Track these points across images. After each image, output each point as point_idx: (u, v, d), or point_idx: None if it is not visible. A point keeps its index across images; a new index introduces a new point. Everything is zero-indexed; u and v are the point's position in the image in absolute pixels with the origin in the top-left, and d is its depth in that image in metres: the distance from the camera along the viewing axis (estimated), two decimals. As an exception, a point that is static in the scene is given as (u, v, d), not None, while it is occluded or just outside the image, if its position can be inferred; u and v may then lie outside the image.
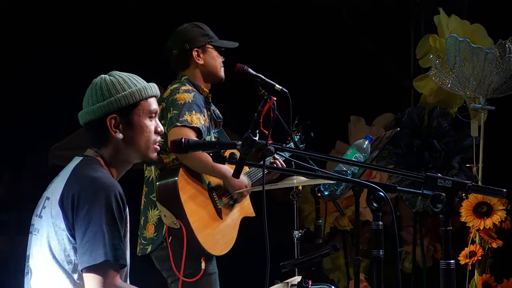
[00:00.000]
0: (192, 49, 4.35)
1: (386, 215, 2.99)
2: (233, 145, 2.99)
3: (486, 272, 5.35)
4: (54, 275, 2.88)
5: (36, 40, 7.55)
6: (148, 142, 3.06)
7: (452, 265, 2.72)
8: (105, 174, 2.95)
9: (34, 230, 2.98)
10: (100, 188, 2.86)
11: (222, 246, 4.21)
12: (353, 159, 3.97)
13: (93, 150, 3.04)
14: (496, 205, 5.22)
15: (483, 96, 5.37)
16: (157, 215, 4.14)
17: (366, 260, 6.26)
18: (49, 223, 2.90)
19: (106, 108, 2.98)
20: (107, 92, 3.00)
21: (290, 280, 3.82)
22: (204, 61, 4.37)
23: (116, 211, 2.85)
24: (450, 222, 2.73)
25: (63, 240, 2.87)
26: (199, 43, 4.37)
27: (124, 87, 3.01)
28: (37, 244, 2.94)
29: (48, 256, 2.89)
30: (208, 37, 4.39)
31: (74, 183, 2.91)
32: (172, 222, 4.04)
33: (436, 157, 5.98)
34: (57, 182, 2.98)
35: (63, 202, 2.88)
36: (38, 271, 2.93)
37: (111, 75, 3.05)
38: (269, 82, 4.31)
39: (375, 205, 2.81)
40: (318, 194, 4.22)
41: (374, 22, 7.29)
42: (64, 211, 2.87)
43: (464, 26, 5.91)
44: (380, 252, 2.84)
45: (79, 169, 2.97)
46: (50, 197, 2.95)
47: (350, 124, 6.75)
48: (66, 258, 2.87)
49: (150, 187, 4.22)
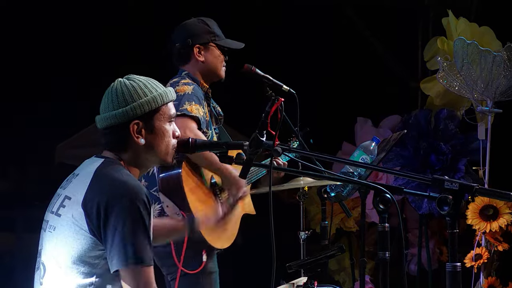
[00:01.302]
0: (194, 45, 4.33)
1: (392, 217, 2.98)
2: (240, 145, 3.00)
3: (492, 275, 5.35)
4: (69, 274, 2.88)
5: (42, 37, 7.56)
6: (168, 147, 3.06)
7: (458, 268, 2.72)
8: (131, 177, 2.95)
9: (49, 227, 2.98)
10: (127, 191, 2.86)
11: (223, 240, 4.19)
12: (359, 161, 3.97)
13: (111, 152, 3.03)
14: (503, 208, 5.21)
15: (490, 99, 5.37)
16: (157, 209, 4.12)
17: (371, 262, 6.26)
18: (69, 223, 2.90)
19: (129, 113, 2.97)
20: (130, 97, 2.98)
21: (296, 281, 3.83)
22: (205, 59, 4.34)
23: (144, 213, 2.86)
24: (456, 225, 2.73)
25: (84, 241, 2.87)
26: (202, 40, 4.34)
27: (146, 92, 3.00)
28: (53, 241, 2.94)
29: (65, 256, 2.89)
30: (212, 35, 4.36)
31: (100, 186, 2.90)
32: (175, 213, 4.02)
33: (442, 159, 5.97)
34: (78, 183, 2.97)
35: (86, 204, 2.87)
36: (52, 268, 2.93)
37: (129, 79, 3.03)
38: (276, 83, 4.31)
39: (382, 207, 2.81)
40: (325, 195, 4.22)
41: (382, 24, 7.29)
42: (87, 213, 2.86)
43: (472, 28, 5.90)
44: (386, 253, 2.84)
45: (103, 171, 2.95)
46: (70, 197, 2.94)
47: (356, 125, 6.74)
48: (85, 259, 2.87)
49: (150, 181, 4.19)
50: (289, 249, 4.63)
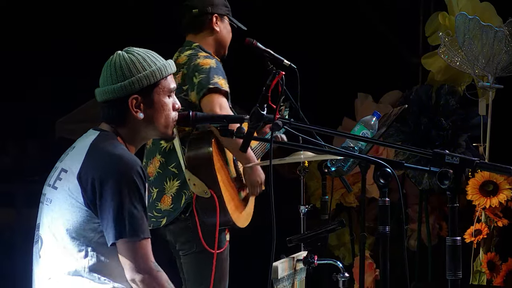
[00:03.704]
0: (213, 14, 4.29)
1: (392, 192, 2.98)
2: (241, 119, 3.00)
3: (491, 251, 5.36)
4: (66, 246, 2.90)
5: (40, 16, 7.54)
6: (167, 120, 3.06)
7: (458, 242, 2.72)
8: (125, 151, 2.95)
9: (46, 200, 2.99)
10: (122, 165, 2.87)
11: (243, 219, 4.21)
12: (360, 135, 3.97)
13: (109, 125, 3.03)
14: (503, 184, 5.22)
15: (491, 74, 5.35)
16: (177, 185, 4.10)
17: (371, 237, 6.27)
18: (65, 195, 2.91)
19: (128, 88, 2.97)
20: (128, 71, 2.97)
21: (296, 255, 3.84)
22: (220, 30, 4.32)
23: (140, 185, 2.87)
24: (457, 199, 2.73)
25: (80, 213, 2.88)
26: (221, 10, 4.31)
27: (145, 66, 2.99)
28: (49, 214, 2.95)
29: (61, 228, 2.90)
30: (228, 9, 4.35)
31: (94, 159, 2.91)
32: (203, 191, 3.99)
33: (443, 135, 5.97)
34: (74, 155, 2.98)
35: (81, 177, 2.88)
36: (49, 241, 2.94)
37: (129, 52, 3.02)
38: (277, 57, 4.29)
39: (382, 182, 2.81)
40: (325, 170, 4.22)
41: (383, 0, 7.26)
42: (82, 186, 2.87)
43: (473, 4, 5.87)
44: (386, 228, 2.84)
45: (98, 144, 2.96)
46: (67, 170, 2.94)
47: (357, 101, 6.73)
48: (81, 232, 2.88)
49: (168, 157, 4.13)
50: (289, 223, 4.63)
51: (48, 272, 2.94)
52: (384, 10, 7.25)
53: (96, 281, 2.90)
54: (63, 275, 2.90)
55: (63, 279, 2.90)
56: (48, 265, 2.94)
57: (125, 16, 7.48)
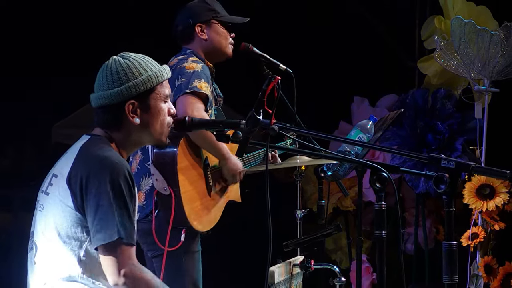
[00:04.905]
0: (195, 24, 4.32)
1: (388, 196, 2.99)
2: (237, 124, 3.00)
3: (488, 254, 5.36)
4: (59, 251, 2.89)
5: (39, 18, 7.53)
6: (162, 126, 3.07)
7: (454, 246, 2.72)
8: (113, 153, 2.95)
9: (40, 207, 2.99)
10: (108, 167, 2.87)
11: (205, 222, 4.17)
12: (356, 140, 3.97)
13: (102, 130, 3.03)
14: (499, 187, 5.22)
15: (487, 78, 5.36)
16: (150, 183, 4.11)
17: (368, 241, 6.26)
18: (56, 200, 2.91)
19: (125, 93, 2.97)
20: (124, 76, 2.97)
21: (292, 260, 3.84)
22: (208, 36, 4.33)
23: (125, 189, 2.86)
24: (453, 203, 2.73)
25: (70, 217, 2.88)
26: (202, 18, 4.33)
27: (141, 71, 2.99)
28: (42, 220, 2.95)
29: (54, 233, 2.90)
30: (213, 12, 4.35)
31: (83, 162, 2.91)
32: (163, 188, 4.00)
33: (439, 138, 5.97)
34: (64, 160, 2.98)
35: (70, 180, 2.88)
36: (43, 247, 2.94)
37: (124, 58, 3.02)
38: (273, 62, 4.30)
39: (378, 186, 2.82)
40: (321, 174, 4.22)
41: (379, 2, 7.26)
42: (72, 190, 2.87)
43: (469, 8, 5.88)
44: (382, 232, 2.84)
45: (88, 147, 2.96)
46: (57, 175, 2.95)
47: (353, 104, 6.73)
48: (72, 235, 2.88)
49: (145, 154, 4.18)
50: (286, 227, 4.63)
51: (43, 278, 2.94)
52: (380, 14, 7.25)
53: (90, 285, 2.89)
54: (58, 280, 2.90)
55: (58, 284, 2.90)
56: (43, 271, 2.94)
57: (124, 16, 7.47)
